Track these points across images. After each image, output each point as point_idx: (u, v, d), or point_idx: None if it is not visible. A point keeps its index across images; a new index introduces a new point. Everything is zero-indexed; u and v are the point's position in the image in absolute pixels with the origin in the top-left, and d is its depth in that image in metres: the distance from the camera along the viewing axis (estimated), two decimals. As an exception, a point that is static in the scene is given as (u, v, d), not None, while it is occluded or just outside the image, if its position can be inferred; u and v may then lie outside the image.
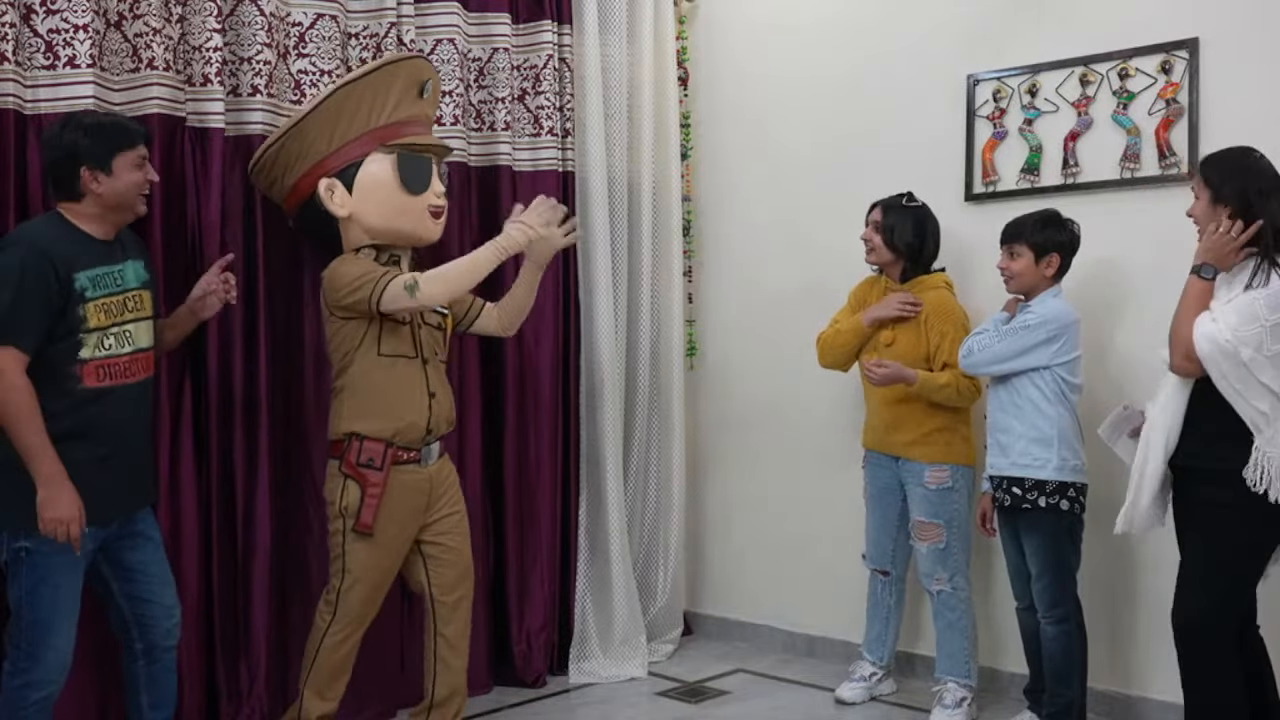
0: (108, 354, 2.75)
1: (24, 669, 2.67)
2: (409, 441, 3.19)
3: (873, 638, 3.99)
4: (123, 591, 2.88)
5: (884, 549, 3.92)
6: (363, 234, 3.25)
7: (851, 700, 3.91)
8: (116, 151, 2.75)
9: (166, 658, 2.95)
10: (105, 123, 2.82)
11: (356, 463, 3.13)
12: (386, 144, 3.24)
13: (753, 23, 4.67)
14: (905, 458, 3.76)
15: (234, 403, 3.42)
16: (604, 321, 4.29)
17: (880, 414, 3.82)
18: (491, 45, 4.11)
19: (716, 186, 4.79)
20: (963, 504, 3.71)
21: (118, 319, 2.78)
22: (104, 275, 2.76)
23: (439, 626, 3.29)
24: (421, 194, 3.28)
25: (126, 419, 2.80)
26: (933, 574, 3.73)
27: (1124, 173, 3.71)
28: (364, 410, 3.15)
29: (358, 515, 3.12)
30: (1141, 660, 3.64)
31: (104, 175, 2.74)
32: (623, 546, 4.31)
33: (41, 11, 3.05)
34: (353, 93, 3.20)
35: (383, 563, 3.20)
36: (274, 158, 3.24)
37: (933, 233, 3.81)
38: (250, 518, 3.45)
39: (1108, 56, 3.73)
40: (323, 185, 3.21)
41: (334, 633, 3.17)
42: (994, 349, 3.42)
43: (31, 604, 2.67)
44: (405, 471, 3.19)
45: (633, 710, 3.92)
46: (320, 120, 3.19)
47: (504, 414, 4.12)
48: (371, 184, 3.22)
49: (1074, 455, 3.37)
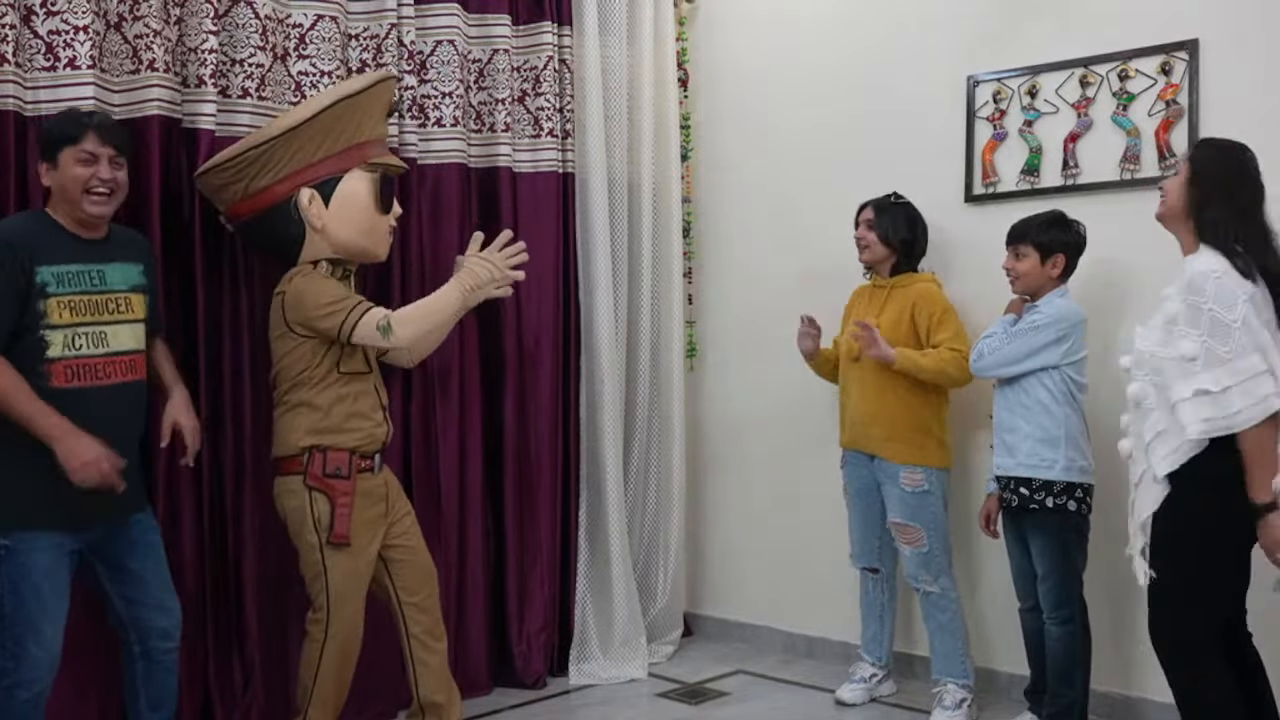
0: (78, 354, 2.71)
1: (9, 669, 2.66)
2: (368, 451, 3.20)
3: (869, 637, 4.00)
4: (118, 594, 2.87)
5: (870, 547, 3.93)
6: (326, 248, 3.22)
7: (851, 701, 3.91)
8: (61, 145, 2.72)
9: (166, 659, 2.93)
10: (62, 116, 2.81)
11: (323, 474, 3.11)
12: (368, 162, 3.24)
13: (753, 24, 4.67)
14: (880, 456, 3.78)
15: (223, 405, 3.42)
16: (604, 322, 4.29)
17: (857, 409, 3.84)
18: (491, 46, 4.11)
19: (716, 187, 4.79)
20: (938, 506, 3.74)
21: (88, 318, 2.73)
22: (76, 273, 2.72)
23: (409, 628, 3.30)
24: (387, 214, 3.31)
25: (103, 422, 2.72)
26: (919, 576, 3.75)
27: (1124, 174, 3.71)
28: (326, 426, 3.13)
29: (331, 527, 3.10)
30: (1142, 661, 3.63)
31: (50, 168, 2.73)
32: (623, 547, 4.31)
33: (42, 13, 3.05)
34: (348, 106, 3.18)
35: (360, 571, 3.18)
36: (254, 157, 3.15)
37: (923, 229, 3.87)
38: (241, 521, 3.45)
39: (1108, 58, 3.73)
40: (305, 194, 3.17)
41: (330, 653, 3.14)
42: (1004, 351, 3.42)
43: (14, 604, 2.65)
44: (365, 479, 3.19)
45: (633, 711, 3.92)
46: (315, 129, 3.16)
47: (504, 414, 4.12)
48: (349, 201, 3.21)
49: (1081, 456, 3.37)
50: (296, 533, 3.16)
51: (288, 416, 3.17)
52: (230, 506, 3.44)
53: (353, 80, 3.35)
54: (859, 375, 3.83)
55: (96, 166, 2.73)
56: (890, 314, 3.78)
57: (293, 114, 3.21)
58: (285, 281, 3.20)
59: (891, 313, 3.78)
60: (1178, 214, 2.80)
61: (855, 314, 3.91)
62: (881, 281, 3.89)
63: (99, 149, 2.74)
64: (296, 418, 3.15)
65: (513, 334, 4.13)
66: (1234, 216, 2.71)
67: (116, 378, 2.79)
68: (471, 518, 3.98)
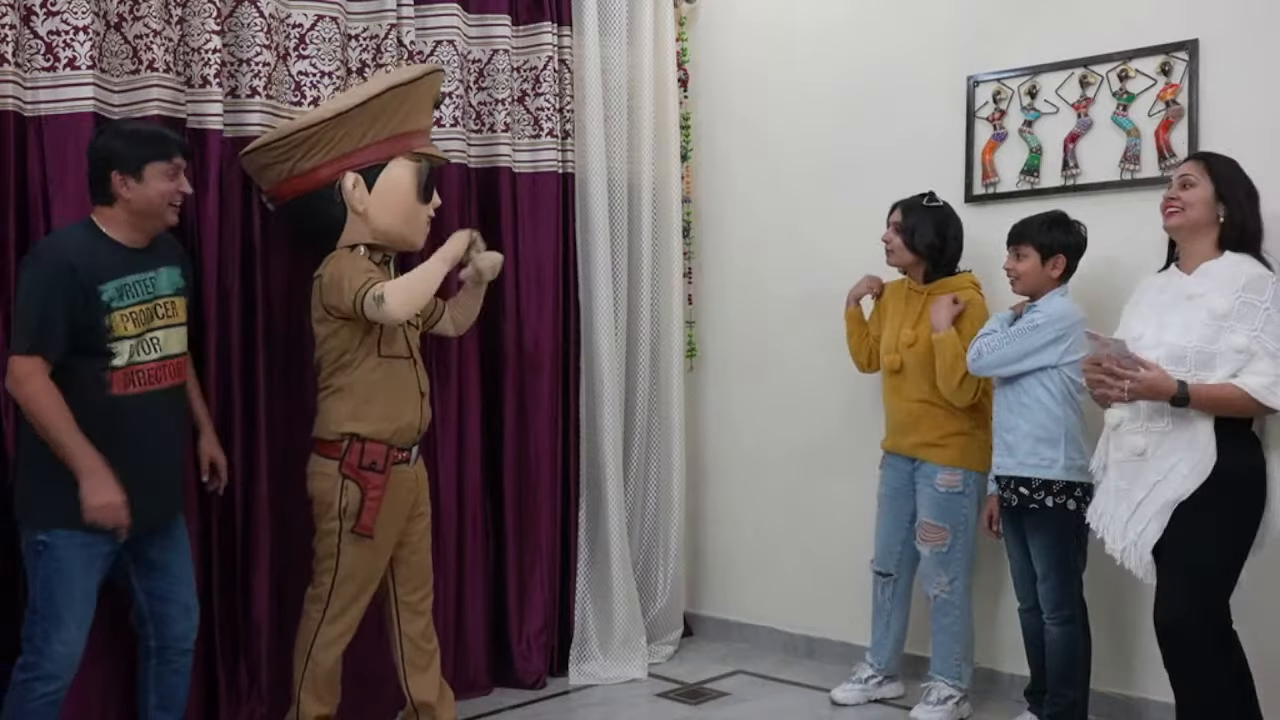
0: (135, 361, 2.79)
1: (33, 663, 2.72)
2: (404, 442, 3.24)
3: (874, 641, 3.99)
4: (143, 587, 2.92)
5: (891, 550, 3.91)
6: (366, 233, 3.28)
7: (843, 701, 3.91)
8: (149, 159, 2.79)
9: (179, 660, 2.97)
10: (144, 130, 2.88)
11: (359, 465, 3.15)
12: (413, 151, 3.31)
13: (753, 24, 4.67)
14: (921, 459, 3.76)
15: (233, 404, 3.42)
16: (604, 322, 4.29)
17: (899, 414, 3.81)
18: (491, 47, 4.11)
19: (716, 188, 4.79)
20: (970, 509, 3.71)
21: (146, 326, 2.82)
22: (133, 283, 2.80)
23: (402, 626, 3.32)
24: (428, 204, 3.37)
25: (153, 425, 2.83)
26: (933, 577, 3.73)
27: (1124, 174, 3.71)
28: (365, 412, 3.17)
29: (357, 518, 3.13)
30: (1142, 661, 3.63)
31: (134, 181, 2.78)
32: (623, 548, 4.31)
33: (42, 13, 3.05)
34: (397, 95, 3.24)
35: (375, 563, 3.22)
36: (302, 139, 3.21)
37: (954, 234, 3.77)
38: (250, 518, 3.45)
39: (1108, 58, 3.73)
40: (349, 178, 3.23)
41: (326, 632, 3.19)
42: (1002, 350, 3.41)
43: (44, 597, 2.72)
44: (398, 472, 3.23)
45: (633, 712, 3.92)
46: (364, 115, 3.21)
47: (504, 414, 4.12)
48: (391, 187, 3.28)
49: (1080, 455, 3.36)
50: (320, 514, 3.20)
51: (329, 400, 3.22)
52: (240, 505, 3.44)
53: (403, 70, 3.42)
54: (899, 385, 3.80)
55: (179, 181, 2.86)
56: (928, 324, 3.69)
57: (343, 99, 3.29)
58: (323, 265, 3.25)
59: (929, 321, 3.69)
60: (1200, 225, 2.90)
61: (891, 320, 3.85)
62: (918, 287, 3.81)
63: (182, 163, 2.86)
64: (338, 402, 3.20)
65: (513, 334, 4.13)
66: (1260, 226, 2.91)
67: (167, 381, 2.88)
68: (471, 518, 3.98)
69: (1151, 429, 2.84)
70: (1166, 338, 2.85)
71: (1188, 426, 2.79)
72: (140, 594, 2.93)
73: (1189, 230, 2.93)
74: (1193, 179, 2.92)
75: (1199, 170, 2.94)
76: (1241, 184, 2.92)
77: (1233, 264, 2.86)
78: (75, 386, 2.70)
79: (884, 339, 3.88)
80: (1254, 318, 2.76)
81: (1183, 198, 2.92)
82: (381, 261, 3.34)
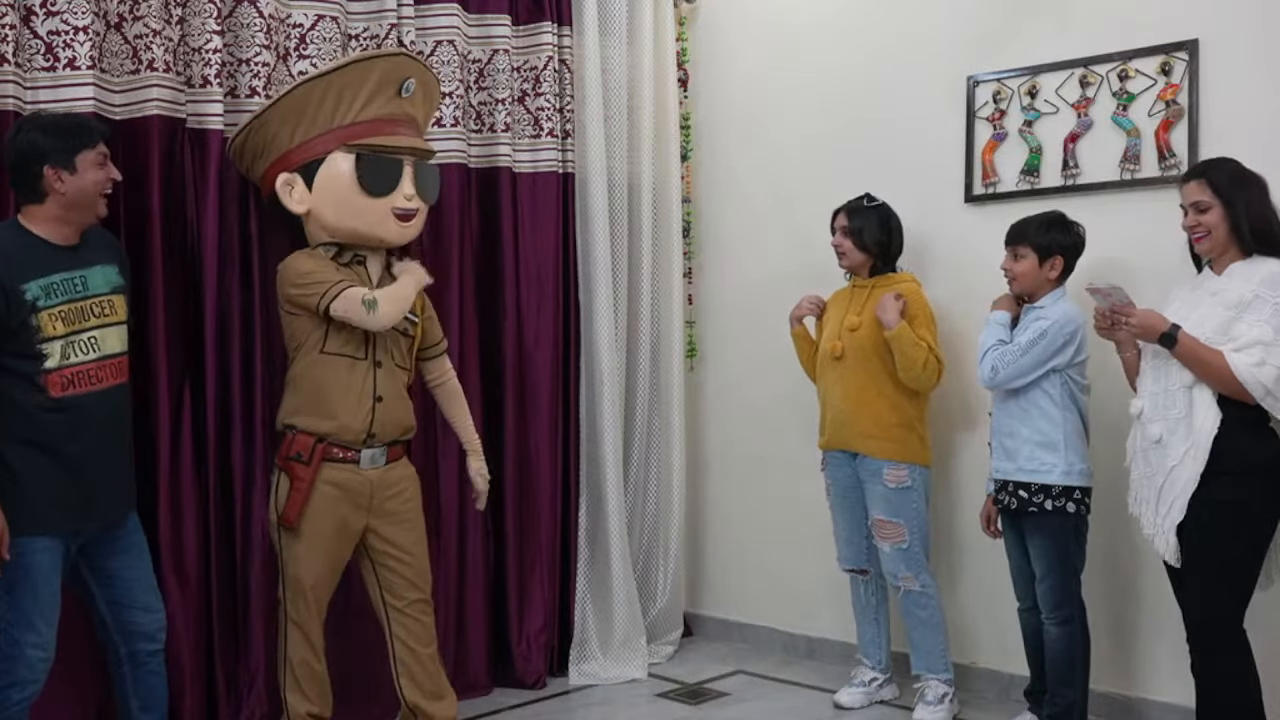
0: (71, 362, 2.71)
1: (5, 670, 2.67)
2: (346, 441, 3.16)
3: (867, 640, 3.99)
4: (104, 598, 2.87)
5: (857, 548, 3.93)
6: (320, 232, 3.25)
7: (849, 705, 3.90)
8: (79, 149, 2.72)
9: (152, 661, 2.93)
10: (64, 121, 2.77)
11: (287, 456, 3.14)
12: (349, 143, 3.20)
13: (752, 24, 4.67)
14: (863, 453, 3.78)
15: (232, 406, 3.42)
16: (604, 322, 4.29)
17: (839, 407, 3.82)
18: (491, 47, 4.11)
19: (716, 188, 4.79)
20: (920, 503, 3.76)
21: (79, 326, 2.73)
22: (60, 282, 2.71)
23: (394, 630, 3.28)
24: (384, 196, 3.23)
25: (97, 427, 2.75)
26: (898, 573, 3.75)
27: (1124, 174, 3.71)
28: (302, 406, 3.16)
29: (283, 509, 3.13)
30: (1142, 661, 3.64)
31: (67, 174, 2.70)
32: (623, 548, 4.31)
33: (42, 13, 3.05)
34: (315, 88, 3.17)
35: (315, 563, 3.16)
36: (240, 148, 3.26)
37: (897, 229, 3.87)
38: (248, 520, 3.45)
39: (1108, 58, 3.73)
40: (280, 180, 3.20)
41: (291, 636, 3.19)
42: (1018, 364, 3.38)
43: (9, 603, 2.67)
44: (341, 469, 3.16)
45: (633, 712, 3.92)
46: (282, 113, 3.17)
47: (504, 414, 4.12)
48: (329, 184, 3.20)
49: (1080, 459, 3.36)
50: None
51: (284, 393, 3.23)
52: (240, 503, 3.44)
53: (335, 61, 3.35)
54: (840, 374, 3.82)
55: (108, 168, 2.79)
56: (872, 312, 3.76)
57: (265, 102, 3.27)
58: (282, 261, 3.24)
59: (873, 311, 3.76)
60: (1228, 240, 2.97)
61: (834, 315, 3.91)
62: (862, 282, 3.89)
63: (106, 150, 2.79)
64: (287, 395, 3.21)
65: (513, 334, 4.13)
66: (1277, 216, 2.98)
67: (108, 381, 2.79)
68: (471, 518, 3.98)
69: (1166, 416, 2.95)
70: (1187, 327, 2.95)
71: (1191, 410, 2.90)
72: (101, 605, 2.87)
73: (1220, 248, 3.00)
74: (1204, 202, 2.98)
75: (1204, 191, 2.98)
76: (1247, 187, 2.96)
77: (1257, 263, 2.94)
78: (15, 391, 2.63)
79: (826, 333, 3.91)
80: (1263, 309, 2.86)
81: (1203, 222, 2.99)
82: (351, 261, 3.25)
